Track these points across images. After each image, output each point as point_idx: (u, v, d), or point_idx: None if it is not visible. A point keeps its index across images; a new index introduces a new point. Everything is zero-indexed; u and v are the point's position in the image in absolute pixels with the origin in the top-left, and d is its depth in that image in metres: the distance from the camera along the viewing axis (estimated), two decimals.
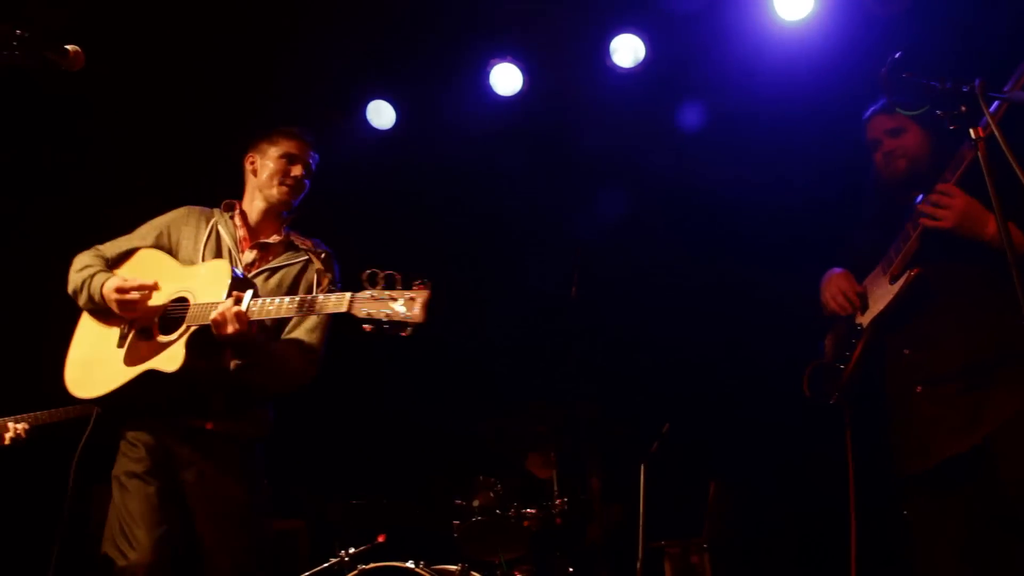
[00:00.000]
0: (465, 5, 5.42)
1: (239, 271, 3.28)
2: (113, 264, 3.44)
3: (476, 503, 4.76)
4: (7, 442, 4.47)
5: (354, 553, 4.78)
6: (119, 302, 3.22)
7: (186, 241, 3.44)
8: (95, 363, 3.29)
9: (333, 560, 4.81)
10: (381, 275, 2.81)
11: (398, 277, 2.80)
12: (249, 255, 3.43)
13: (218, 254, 3.41)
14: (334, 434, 5.88)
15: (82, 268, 3.37)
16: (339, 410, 5.90)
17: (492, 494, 4.76)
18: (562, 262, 4.83)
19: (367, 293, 2.80)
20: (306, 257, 3.43)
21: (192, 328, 3.10)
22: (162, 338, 3.19)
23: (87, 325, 3.42)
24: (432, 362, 5.90)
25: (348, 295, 2.85)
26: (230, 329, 2.98)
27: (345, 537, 4.97)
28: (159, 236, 3.48)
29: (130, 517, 3.14)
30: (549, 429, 4.87)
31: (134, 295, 3.21)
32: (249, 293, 3.04)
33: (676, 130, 5.73)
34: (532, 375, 5.59)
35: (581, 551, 4.92)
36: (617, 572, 4.55)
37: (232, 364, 3.23)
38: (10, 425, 4.49)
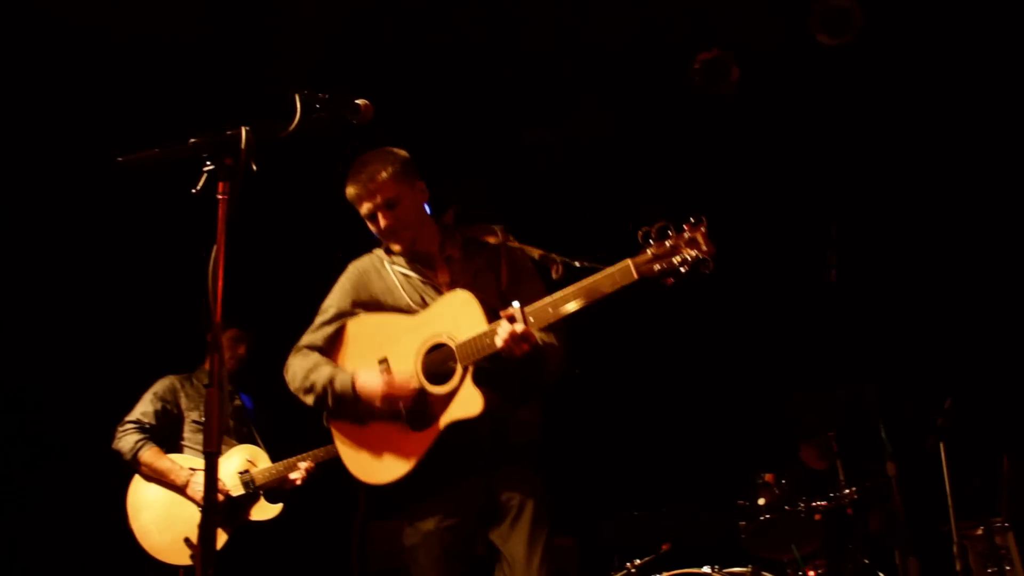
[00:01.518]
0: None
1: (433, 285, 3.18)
2: (328, 352, 3.28)
3: (761, 501, 4.65)
4: (299, 482, 4.75)
5: (641, 564, 4.76)
6: (384, 398, 3.07)
7: (382, 295, 3.26)
8: (378, 447, 3.15)
9: (618, 574, 4.82)
10: (653, 230, 2.74)
11: (669, 225, 2.73)
12: (444, 275, 3.25)
13: (423, 289, 3.23)
14: (596, 447, 5.85)
15: (306, 375, 3.20)
16: (597, 424, 5.88)
17: (776, 491, 4.64)
18: (814, 243, 4.63)
19: (648, 253, 2.74)
20: (488, 243, 3.27)
21: (470, 367, 2.98)
22: (440, 389, 3.03)
23: (343, 423, 3.24)
24: (685, 366, 5.81)
25: (629, 264, 2.77)
26: (523, 349, 2.88)
27: (623, 550, 4.96)
28: (354, 304, 3.30)
29: None
30: (823, 418, 4.72)
31: (404, 396, 3.07)
32: (516, 305, 2.90)
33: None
34: (797, 364, 5.40)
35: (872, 540, 4.73)
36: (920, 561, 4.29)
37: (522, 379, 3.06)
38: (299, 465, 4.75)
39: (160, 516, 4.56)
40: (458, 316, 3.03)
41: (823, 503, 4.53)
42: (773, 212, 5.65)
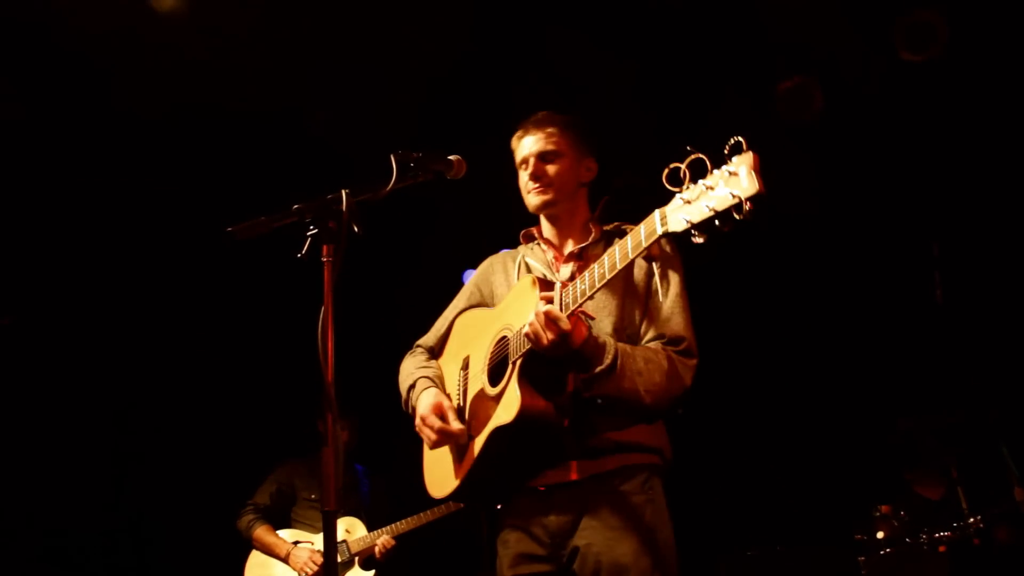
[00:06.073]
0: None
1: (552, 278, 2.67)
2: (439, 352, 3.07)
3: (880, 535, 4.50)
4: (379, 556, 5.00)
5: None
6: (421, 432, 2.78)
7: (499, 289, 2.96)
8: (441, 456, 2.81)
9: None
10: (683, 167, 2.16)
11: (706, 158, 2.13)
12: (565, 270, 2.84)
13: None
14: (703, 486, 5.71)
15: (405, 378, 2.98)
16: (703, 462, 5.75)
17: (895, 523, 4.49)
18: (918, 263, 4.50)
19: (678, 199, 2.16)
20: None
21: (518, 361, 2.52)
22: (493, 390, 2.63)
23: None
24: (789, 396, 5.66)
25: (656, 214, 2.22)
26: (547, 337, 2.38)
27: None
28: (470, 297, 3.05)
29: None
30: (939, 444, 4.55)
31: (428, 434, 2.73)
32: (557, 286, 2.48)
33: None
34: (907, 389, 5.21)
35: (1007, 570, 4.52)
36: None
37: (575, 386, 2.56)
38: (378, 541, 5.00)
39: None
40: (521, 303, 2.60)
41: (947, 533, 4.35)
42: (876, 232, 5.47)
